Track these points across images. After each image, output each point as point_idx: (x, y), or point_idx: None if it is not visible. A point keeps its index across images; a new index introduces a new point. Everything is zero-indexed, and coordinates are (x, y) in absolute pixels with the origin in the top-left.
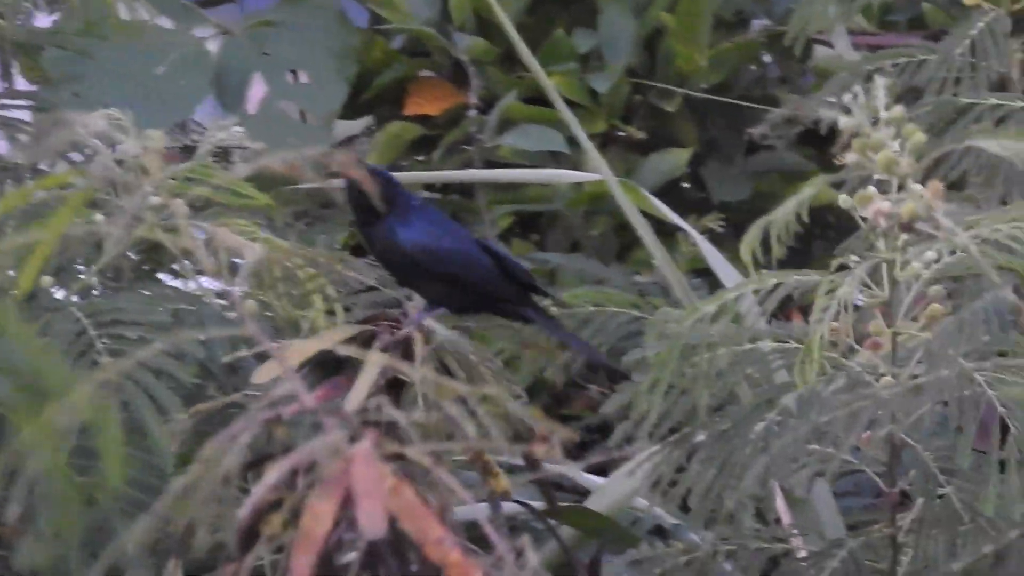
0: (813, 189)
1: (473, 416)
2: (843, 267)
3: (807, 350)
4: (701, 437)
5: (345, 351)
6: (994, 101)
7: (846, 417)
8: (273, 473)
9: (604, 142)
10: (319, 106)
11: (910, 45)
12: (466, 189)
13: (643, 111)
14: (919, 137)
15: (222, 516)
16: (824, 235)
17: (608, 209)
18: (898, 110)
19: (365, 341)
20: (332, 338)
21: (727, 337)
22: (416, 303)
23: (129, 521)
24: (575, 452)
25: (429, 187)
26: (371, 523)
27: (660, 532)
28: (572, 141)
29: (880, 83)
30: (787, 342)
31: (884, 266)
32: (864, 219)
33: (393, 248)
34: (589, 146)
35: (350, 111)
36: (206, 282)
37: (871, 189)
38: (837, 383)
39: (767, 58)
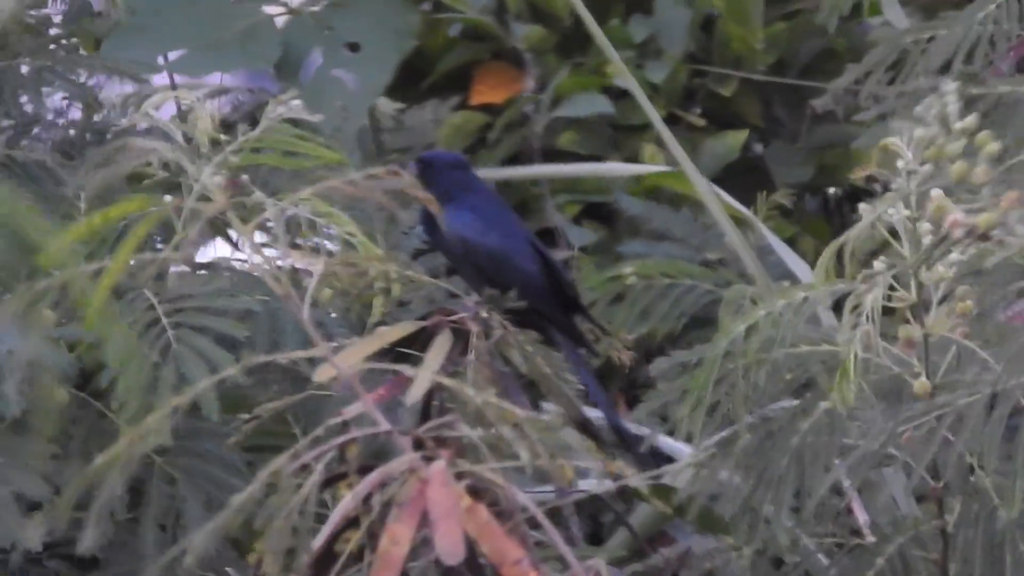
0: (887, 203)
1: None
2: (867, 276)
3: (843, 372)
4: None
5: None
6: (1004, 88)
7: (924, 434)
8: (349, 497)
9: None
10: (367, 77)
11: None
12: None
13: (702, 95)
14: (993, 147)
15: (297, 545)
16: None
17: (669, 195)
18: (971, 120)
19: (424, 337)
20: (392, 335)
21: (763, 347)
22: (473, 297)
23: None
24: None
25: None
26: (450, 546)
27: None
28: (628, 128)
29: (951, 89)
30: (822, 345)
31: (911, 269)
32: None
33: (439, 235)
34: (661, 125)
35: (414, 96)
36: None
37: (945, 199)
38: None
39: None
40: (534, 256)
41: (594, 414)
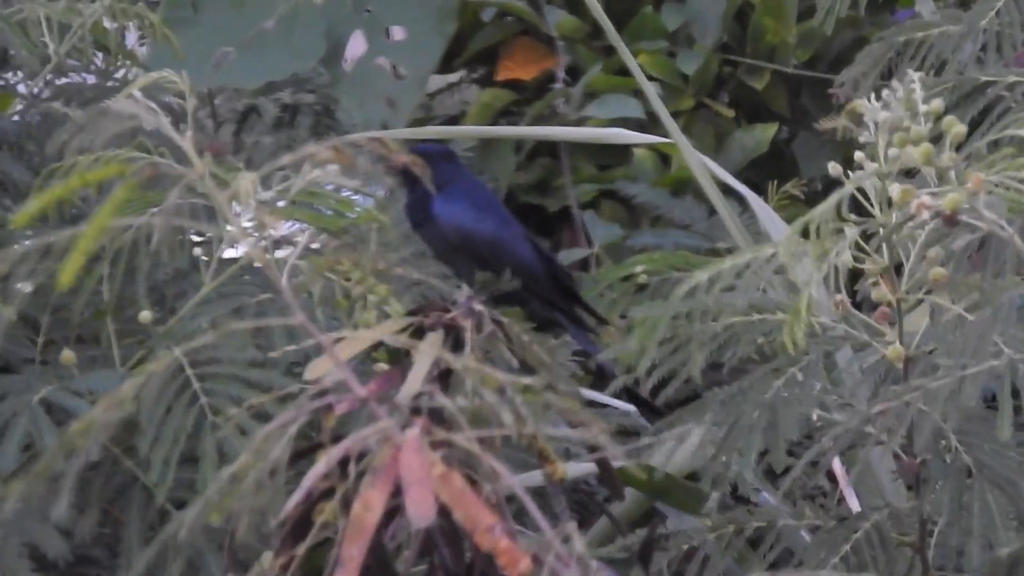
0: (853, 185)
1: (512, 405)
2: (838, 232)
3: (794, 314)
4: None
5: (396, 343)
6: (1014, 78)
7: (896, 412)
8: (323, 462)
9: (692, 116)
10: (415, 64)
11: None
12: (553, 151)
13: (733, 85)
14: (959, 129)
15: (269, 506)
16: None
17: (694, 188)
18: (937, 103)
19: (415, 332)
20: (383, 331)
21: (727, 306)
22: (464, 290)
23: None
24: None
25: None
26: (420, 511)
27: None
28: (657, 116)
29: (915, 76)
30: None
31: (881, 229)
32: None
33: (431, 225)
34: (667, 117)
35: (443, 72)
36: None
37: (908, 184)
38: (843, 356)
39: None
40: (528, 244)
41: (597, 397)
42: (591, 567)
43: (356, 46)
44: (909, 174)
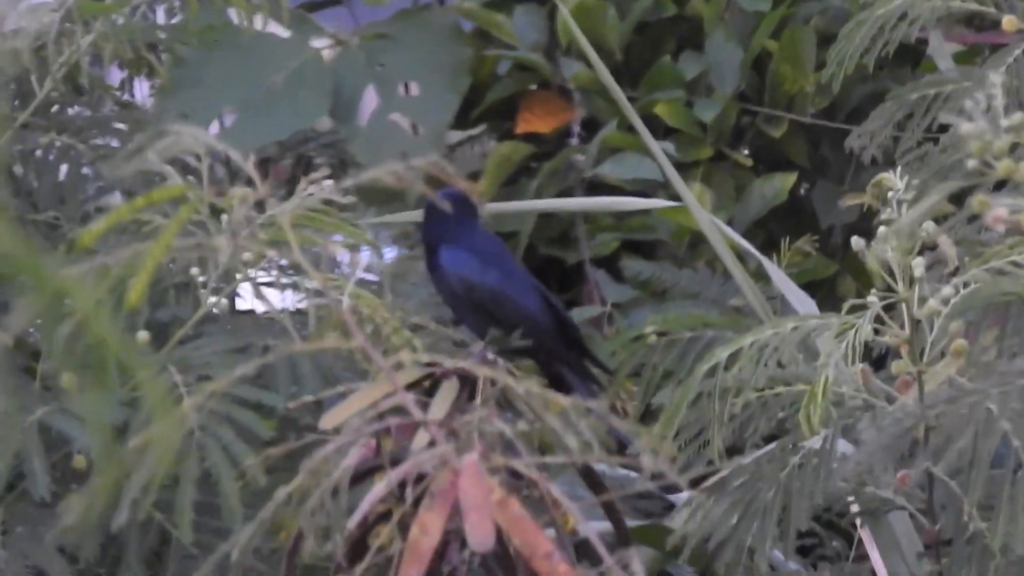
0: (939, 195)
1: (575, 429)
2: (855, 308)
3: (811, 395)
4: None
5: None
6: None
7: (881, 451)
8: (382, 485)
9: (711, 165)
10: (430, 119)
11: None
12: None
13: (751, 134)
14: None
15: (331, 527)
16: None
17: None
18: (1019, 116)
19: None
20: (400, 384)
21: (744, 382)
22: (479, 343)
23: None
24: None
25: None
26: (479, 536)
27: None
28: (675, 166)
29: (997, 81)
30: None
31: (903, 304)
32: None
33: (439, 275)
34: (678, 180)
35: (462, 125)
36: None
37: (986, 195)
38: (864, 423)
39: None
40: (536, 295)
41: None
42: None
43: (369, 101)
44: (931, 249)
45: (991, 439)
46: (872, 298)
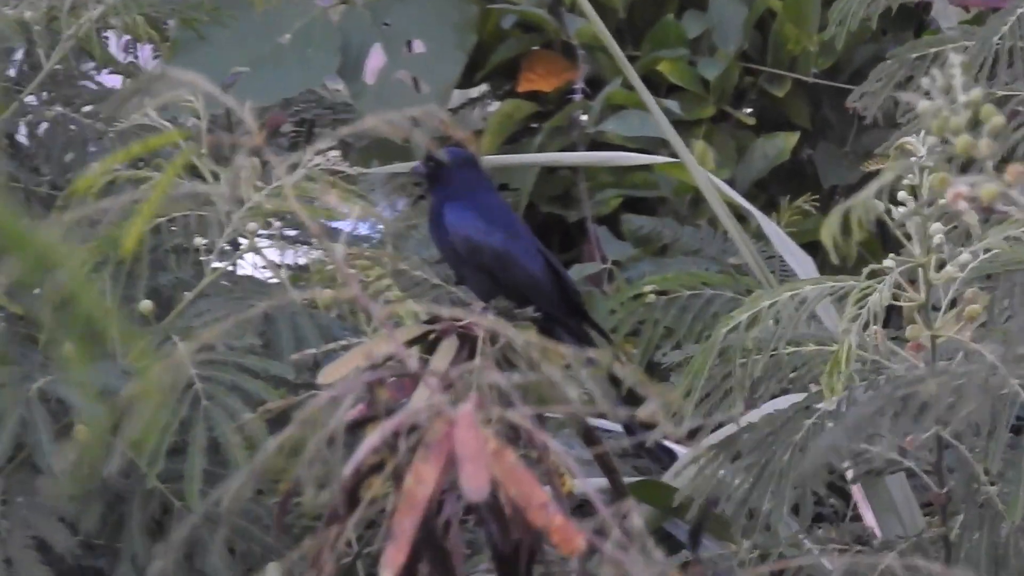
0: (893, 173)
1: (576, 380)
2: (875, 272)
3: (835, 361)
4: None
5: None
6: None
7: (891, 416)
8: (375, 435)
9: (713, 124)
10: (436, 77)
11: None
12: (573, 168)
13: (754, 93)
14: (998, 120)
15: (327, 476)
16: None
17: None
18: (976, 92)
19: (430, 340)
20: (397, 338)
21: (764, 341)
22: (478, 304)
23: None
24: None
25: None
26: (475, 486)
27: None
28: (678, 123)
29: (956, 60)
30: (829, 345)
31: (920, 269)
32: (892, 210)
33: (442, 233)
34: (676, 138)
35: (466, 84)
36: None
37: (946, 173)
38: (878, 386)
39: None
40: (538, 257)
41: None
42: (650, 546)
43: (377, 60)
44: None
45: (1011, 408)
46: (889, 262)
